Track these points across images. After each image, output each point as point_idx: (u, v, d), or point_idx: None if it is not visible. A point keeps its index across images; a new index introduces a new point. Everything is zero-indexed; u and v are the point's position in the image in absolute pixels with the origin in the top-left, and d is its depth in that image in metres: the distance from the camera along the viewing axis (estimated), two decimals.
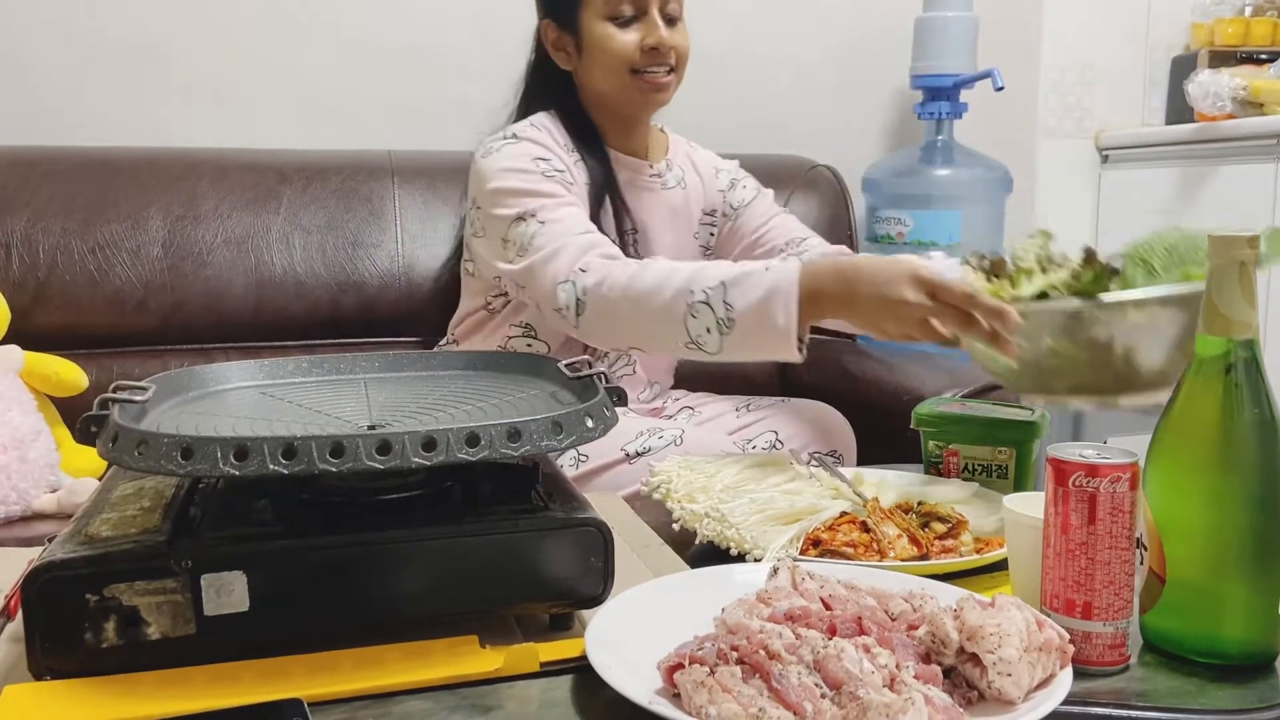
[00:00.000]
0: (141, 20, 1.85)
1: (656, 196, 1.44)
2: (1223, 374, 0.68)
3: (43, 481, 1.31)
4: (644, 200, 1.42)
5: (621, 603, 0.71)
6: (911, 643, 0.62)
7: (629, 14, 1.31)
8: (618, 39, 1.31)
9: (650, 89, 1.33)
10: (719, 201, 1.51)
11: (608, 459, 1.25)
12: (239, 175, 1.68)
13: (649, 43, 1.31)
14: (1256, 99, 2.09)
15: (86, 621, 0.62)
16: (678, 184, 1.47)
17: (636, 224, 1.40)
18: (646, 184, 1.42)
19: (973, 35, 2.08)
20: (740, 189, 1.52)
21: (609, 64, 1.32)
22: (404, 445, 0.63)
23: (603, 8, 1.30)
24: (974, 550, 0.87)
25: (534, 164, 1.28)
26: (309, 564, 0.66)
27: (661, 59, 1.32)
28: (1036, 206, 2.43)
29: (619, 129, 1.40)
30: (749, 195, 1.51)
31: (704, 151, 1.54)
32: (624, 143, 1.41)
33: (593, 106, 1.39)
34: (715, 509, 0.89)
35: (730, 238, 1.51)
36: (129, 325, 1.59)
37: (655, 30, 1.31)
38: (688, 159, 1.51)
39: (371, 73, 1.96)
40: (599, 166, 1.36)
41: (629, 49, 1.31)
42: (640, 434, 1.26)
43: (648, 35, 1.31)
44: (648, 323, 1.13)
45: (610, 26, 1.31)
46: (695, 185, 1.49)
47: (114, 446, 0.64)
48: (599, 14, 1.31)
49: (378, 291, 1.69)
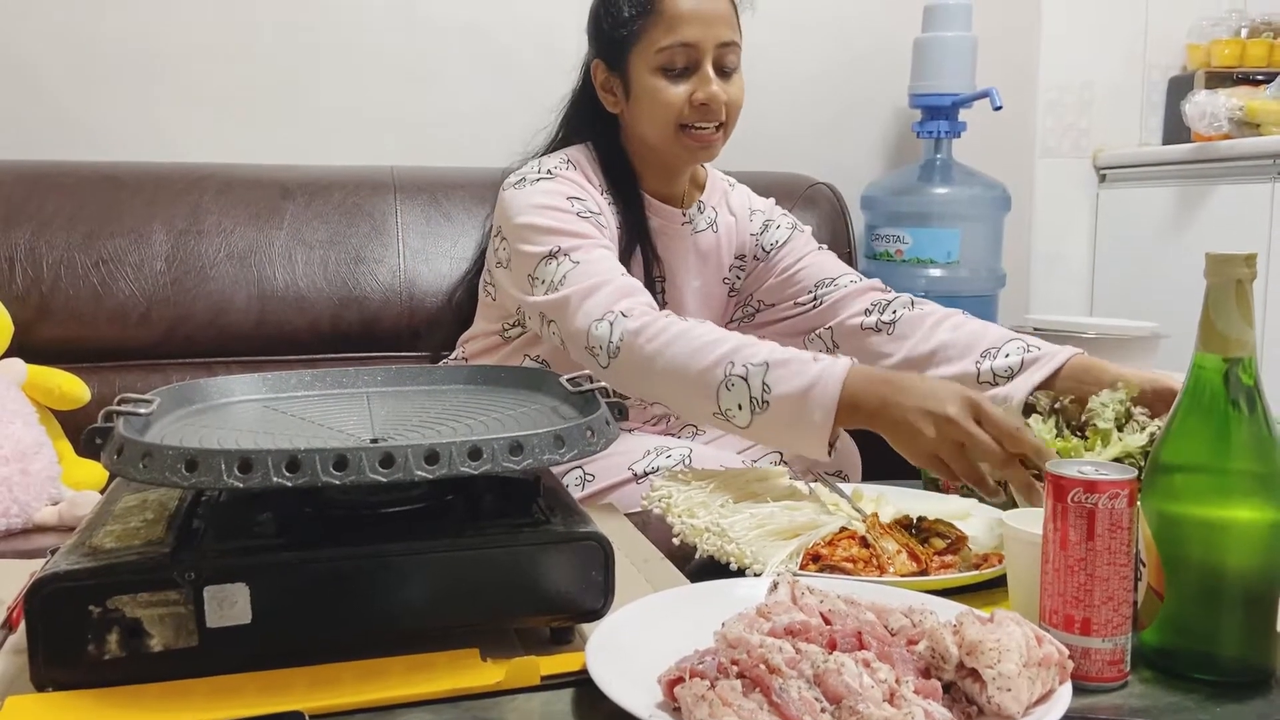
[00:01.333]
0: (147, 35, 1.86)
1: (686, 241, 1.39)
2: (1220, 391, 0.68)
3: (44, 494, 1.32)
4: (674, 246, 1.37)
5: (622, 616, 0.71)
6: (911, 657, 0.63)
7: (681, 65, 1.25)
8: (667, 92, 1.25)
9: (696, 145, 1.28)
10: (750, 245, 1.45)
11: (615, 479, 1.24)
12: (243, 190, 1.69)
13: (699, 98, 1.25)
14: (1253, 119, 2.11)
15: (89, 633, 0.63)
16: (709, 226, 1.41)
17: (663, 272, 1.35)
18: (678, 231, 1.38)
19: (971, 55, 2.09)
20: (774, 229, 1.45)
21: (656, 116, 1.26)
22: (407, 458, 0.63)
23: (654, 58, 1.24)
24: (973, 566, 0.87)
25: (568, 203, 1.23)
26: (311, 577, 0.66)
27: (711, 115, 1.26)
28: (1035, 225, 2.44)
29: (659, 175, 1.35)
30: (782, 235, 1.44)
31: (740, 189, 1.48)
32: (661, 189, 1.36)
33: (634, 150, 1.34)
34: (716, 524, 0.89)
35: (759, 276, 1.45)
36: (132, 339, 1.60)
37: (708, 85, 1.25)
38: (724, 199, 1.45)
39: (375, 89, 1.97)
40: (631, 212, 1.31)
41: (678, 103, 1.25)
42: (648, 453, 1.25)
43: (699, 90, 1.25)
44: (681, 384, 1.08)
45: (661, 79, 1.25)
46: (728, 227, 1.43)
47: (119, 458, 0.64)
48: (651, 65, 1.25)
49: (379, 306, 1.70)
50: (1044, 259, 2.46)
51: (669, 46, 1.24)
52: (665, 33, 1.24)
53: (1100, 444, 0.94)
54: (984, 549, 0.91)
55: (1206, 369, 0.69)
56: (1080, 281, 2.50)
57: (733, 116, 1.30)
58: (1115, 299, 2.43)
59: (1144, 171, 2.36)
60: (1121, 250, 2.42)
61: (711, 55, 1.25)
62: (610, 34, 1.28)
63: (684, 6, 1.24)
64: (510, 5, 2.00)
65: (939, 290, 2.10)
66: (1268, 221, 2.02)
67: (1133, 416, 0.97)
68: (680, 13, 1.23)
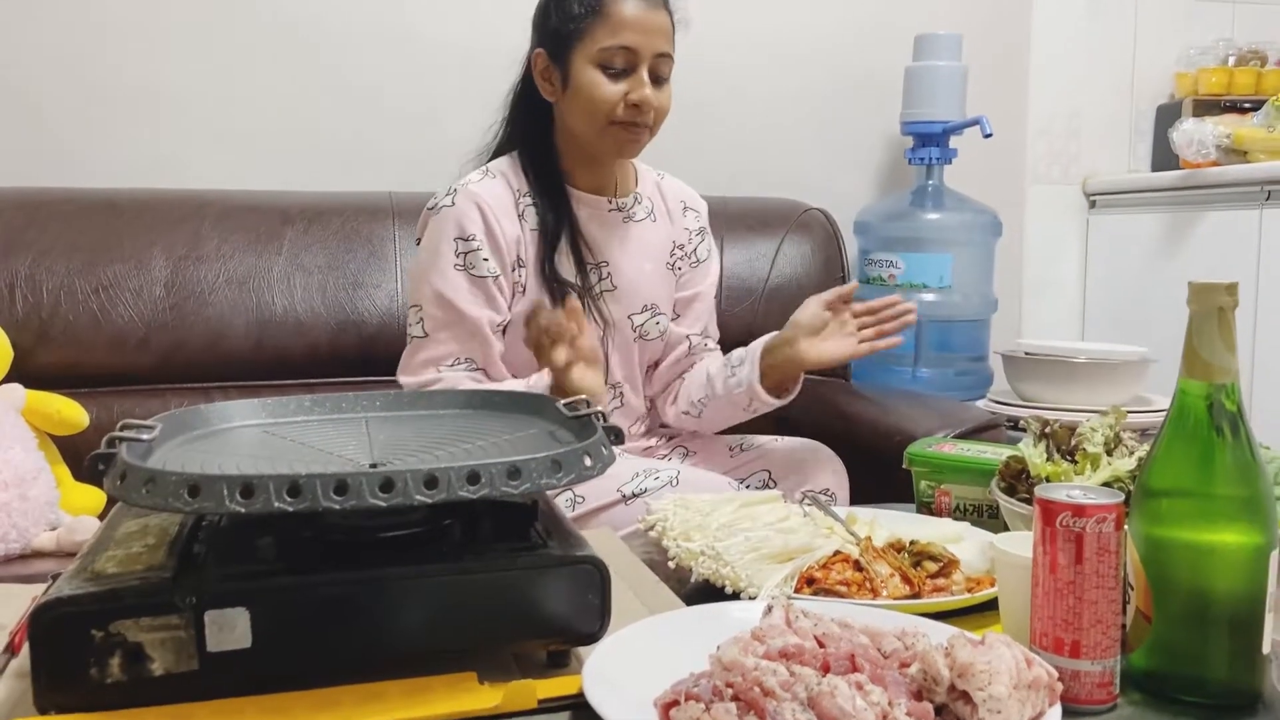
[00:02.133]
0: (147, 64, 1.88)
1: (625, 230, 1.46)
2: (1204, 417, 0.70)
3: (43, 519, 1.32)
4: (611, 235, 1.45)
5: (618, 640, 0.72)
6: (904, 680, 0.63)
7: (620, 67, 1.33)
8: (604, 88, 1.33)
9: (624, 139, 1.36)
10: (686, 240, 1.53)
11: (604, 500, 1.26)
12: (242, 216, 1.70)
13: (633, 98, 1.33)
14: (1240, 147, 2.14)
15: (91, 657, 0.63)
16: (647, 216, 1.49)
17: (603, 258, 1.43)
18: (608, 218, 1.45)
19: (961, 84, 2.12)
20: (702, 245, 1.55)
21: (590, 110, 1.34)
22: (406, 483, 0.64)
23: (596, 55, 1.33)
24: (965, 589, 0.88)
25: (453, 247, 1.34)
26: (311, 601, 0.67)
27: (642, 116, 1.35)
28: (1026, 251, 2.46)
29: (585, 167, 1.43)
30: (704, 255, 1.55)
31: (673, 181, 1.56)
32: (587, 180, 1.44)
33: (564, 140, 1.42)
34: (710, 547, 0.90)
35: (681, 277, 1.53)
36: (130, 364, 1.61)
37: (641, 88, 1.33)
38: (656, 189, 1.53)
39: (374, 116, 1.99)
40: (554, 210, 1.39)
41: (613, 100, 1.33)
42: (636, 475, 1.27)
43: (633, 91, 1.33)
44: None
45: (599, 74, 1.33)
46: (664, 215, 1.52)
47: (122, 484, 0.65)
48: (591, 59, 1.33)
49: (377, 331, 1.71)
50: (1035, 284, 2.49)
51: (611, 47, 1.33)
52: (609, 34, 1.33)
53: (1090, 468, 0.95)
54: (976, 573, 0.91)
55: (1190, 395, 0.70)
56: (1072, 306, 2.52)
57: (659, 120, 1.38)
58: (1106, 324, 2.45)
59: (1133, 198, 2.39)
60: (1112, 275, 2.45)
61: (648, 63, 1.34)
62: (557, 27, 1.36)
63: (629, 14, 1.33)
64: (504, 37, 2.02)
65: (933, 315, 2.12)
66: (1256, 247, 2.04)
67: (1122, 441, 0.98)
68: (625, 19, 1.32)
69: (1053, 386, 1.79)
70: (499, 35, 2.03)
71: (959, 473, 1.08)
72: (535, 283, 1.38)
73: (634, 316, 1.46)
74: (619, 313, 1.44)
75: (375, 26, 1.99)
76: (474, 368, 1.35)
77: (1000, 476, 1.00)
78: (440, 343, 1.35)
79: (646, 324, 1.47)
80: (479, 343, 1.35)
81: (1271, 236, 2.02)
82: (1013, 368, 1.87)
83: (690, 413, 1.49)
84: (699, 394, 1.47)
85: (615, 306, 1.43)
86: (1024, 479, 0.98)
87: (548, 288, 1.37)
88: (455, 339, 1.35)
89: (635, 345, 1.47)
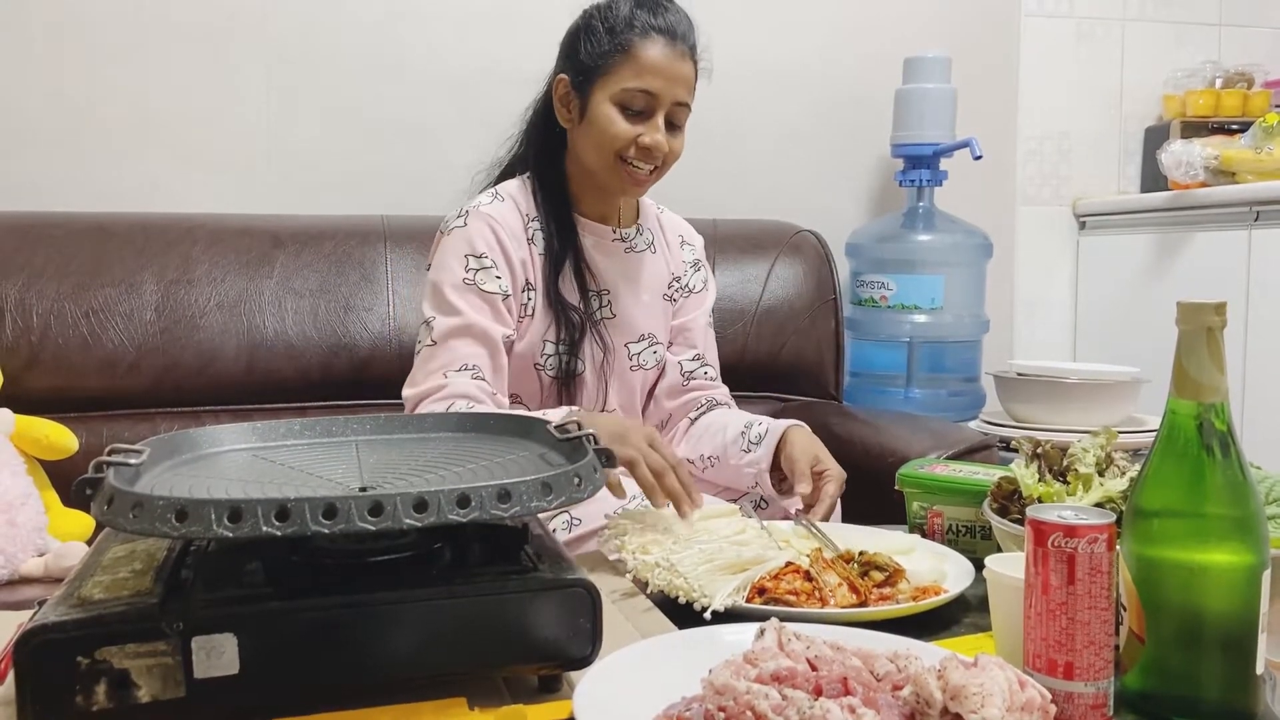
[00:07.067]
0: (137, 89, 1.89)
1: (626, 260, 1.47)
2: (1194, 437, 0.70)
3: (30, 545, 1.31)
4: (613, 263, 1.46)
5: (610, 664, 0.72)
6: (896, 703, 0.63)
7: (638, 108, 1.34)
8: (618, 125, 1.34)
9: (629, 180, 1.37)
10: (682, 272, 1.55)
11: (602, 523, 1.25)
12: (233, 240, 1.70)
13: (645, 142, 1.34)
14: (1228, 168, 2.15)
15: (78, 684, 0.62)
16: (647, 247, 1.50)
17: (604, 286, 1.44)
18: (611, 247, 1.46)
19: (951, 106, 2.14)
20: (696, 275, 1.56)
21: (601, 144, 1.35)
22: (396, 506, 0.64)
23: (618, 94, 1.34)
24: (910, 598, 0.91)
25: (464, 263, 1.34)
26: (299, 626, 0.67)
27: (651, 159, 1.36)
28: (1017, 272, 2.47)
29: (593, 196, 1.44)
30: (698, 285, 1.56)
31: (671, 216, 1.58)
32: (594, 208, 1.45)
33: (573, 169, 1.43)
34: (666, 559, 0.92)
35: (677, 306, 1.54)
36: (120, 388, 1.60)
37: (655, 133, 1.34)
38: (656, 222, 1.55)
39: (366, 139, 2.00)
40: (560, 235, 1.40)
41: (625, 139, 1.34)
42: (634, 497, 1.26)
43: (647, 134, 1.34)
44: None
45: (617, 112, 1.34)
46: (663, 248, 1.54)
47: (109, 509, 0.65)
48: (612, 97, 1.34)
49: (369, 354, 1.71)
50: (1026, 305, 2.50)
51: (632, 89, 1.34)
52: (633, 76, 1.34)
53: (1082, 489, 0.95)
54: (924, 582, 0.94)
55: (1180, 414, 0.71)
56: (1063, 327, 2.53)
57: (668, 164, 1.40)
58: (1098, 344, 2.46)
59: (1123, 219, 2.41)
60: (1103, 296, 2.46)
61: (666, 109, 1.35)
62: (584, 59, 1.37)
63: (656, 59, 1.34)
64: (498, 61, 2.04)
65: (924, 336, 2.13)
66: (1245, 267, 2.06)
67: (1114, 461, 0.98)
68: (651, 64, 1.34)
69: (1044, 407, 1.79)
70: (492, 59, 2.06)
71: (951, 494, 1.08)
72: (543, 306, 1.39)
73: (631, 345, 1.47)
74: (616, 341, 1.45)
75: (367, 50, 2.00)
76: (479, 375, 1.33)
77: (992, 497, 1.00)
78: (449, 349, 1.33)
79: (644, 353, 1.48)
80: (487, 351, 1.34)
81: (1260, 257, 2.04)
82: (1004, 388, 1.88)
83: (696, 464, 1.49)
84: (709, 450, 1.46)
85: (613, 335, 1.44)
86: (1016, 500, 0.98)
87: (554, 312, 1.38)
88: (464, 346, 1.33)
89: (632, 374, 1.48)
